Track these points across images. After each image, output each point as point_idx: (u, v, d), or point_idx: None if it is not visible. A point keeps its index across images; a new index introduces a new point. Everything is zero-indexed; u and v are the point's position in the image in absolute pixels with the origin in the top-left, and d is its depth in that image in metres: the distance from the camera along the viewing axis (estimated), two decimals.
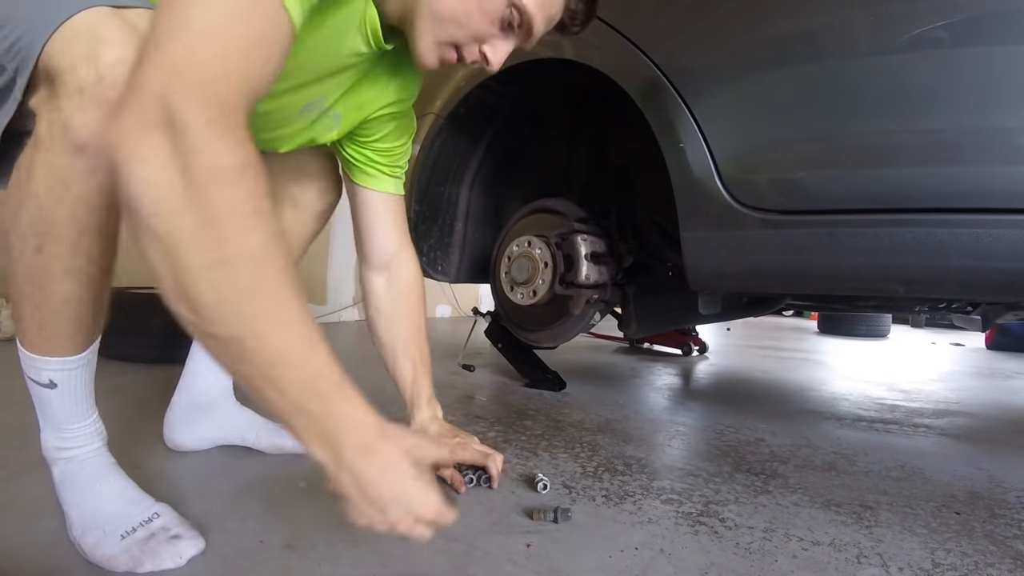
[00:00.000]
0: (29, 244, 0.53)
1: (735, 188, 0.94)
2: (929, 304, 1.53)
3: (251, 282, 0.43)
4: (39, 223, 0.52)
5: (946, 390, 2.09)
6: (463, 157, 1.76)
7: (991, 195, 0.75)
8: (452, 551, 0.66)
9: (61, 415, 0.64)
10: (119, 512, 0.63)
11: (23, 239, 0.53)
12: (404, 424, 0.73)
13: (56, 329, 0.58)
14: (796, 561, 0.69)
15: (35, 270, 0.54)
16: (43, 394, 0.63)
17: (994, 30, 0.74)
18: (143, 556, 0.59)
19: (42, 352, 0.60)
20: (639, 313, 1.53)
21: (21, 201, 0.52)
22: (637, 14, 1.10)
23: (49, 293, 0.55)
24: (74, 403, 0.64)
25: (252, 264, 0.43)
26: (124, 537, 0.61)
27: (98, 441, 0.68)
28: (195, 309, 0.43)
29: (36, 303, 0.56)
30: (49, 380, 0.61)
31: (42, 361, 0.60)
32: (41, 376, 0.61)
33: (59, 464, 0.65)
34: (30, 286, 0.55)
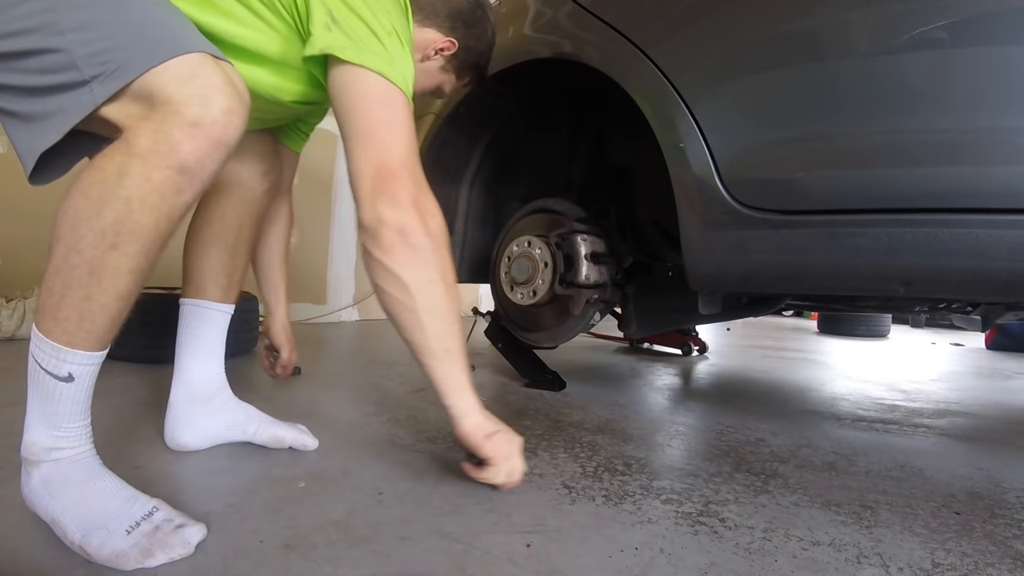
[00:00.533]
0: (106, 240, 0.57)
1: (735, 188, 0.94)
2: (929, 304, 1.53)
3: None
4: (125, 224, 0.57)
5: (946, 390, 2.09)
6: (463, 157, 1.76)
7: (991, 195, 0.75)
8: (451, 551, 0.66)
9: (66, 411, 0.64)
10: (119, 509, 0.63)
11: (101, 234, 0.57)
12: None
13: (98, 323, 0.61)
14: (796, 561, 0.69)
15: (103, 265, 0.58)
16: (55, 389, 0.63)
17: (994, 30, 0.74)
18: (152, 547, 0.60)
19: (72, 344, 0.61)
20: (639, 313, 1.53)
21: (106, 200, 0.57)
22: (637, 13, 1.10)
23: (109, 287, 0.59)
24: (83, 400, 0.65)
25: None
26: (130, 532, 0.61)
27: (90, 442, 0.68)
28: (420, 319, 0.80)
29: (90, 294, 0.59)
30: (68, 373, 0.62)
31: (69, 353, 0.61)
32: (61, 369, 0.61)
33: (44, 467, 0.64)
34: (91, 277, 0.58)
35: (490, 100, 1.60)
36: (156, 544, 0.60)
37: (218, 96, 0.58)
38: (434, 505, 0.79)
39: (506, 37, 1.42)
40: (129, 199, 0.57)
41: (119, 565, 0.59)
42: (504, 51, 1.40)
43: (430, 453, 1.01)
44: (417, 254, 0.76)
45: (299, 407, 1.28)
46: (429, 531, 0.71)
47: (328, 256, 3.37)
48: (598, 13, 1.16)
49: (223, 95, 0.59)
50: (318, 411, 1.26)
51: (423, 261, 0.76)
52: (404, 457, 0.98)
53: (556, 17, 1.27)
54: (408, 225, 0.75)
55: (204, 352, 0.98)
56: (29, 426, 0.65)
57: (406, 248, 0.75)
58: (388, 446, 1.04)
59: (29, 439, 0.65)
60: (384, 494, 0.82)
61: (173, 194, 0.58)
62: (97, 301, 0.59)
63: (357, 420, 1.20)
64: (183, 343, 0.97)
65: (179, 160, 0.57)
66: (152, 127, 0.57)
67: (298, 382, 1.56)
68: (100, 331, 0.61)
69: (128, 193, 0.57)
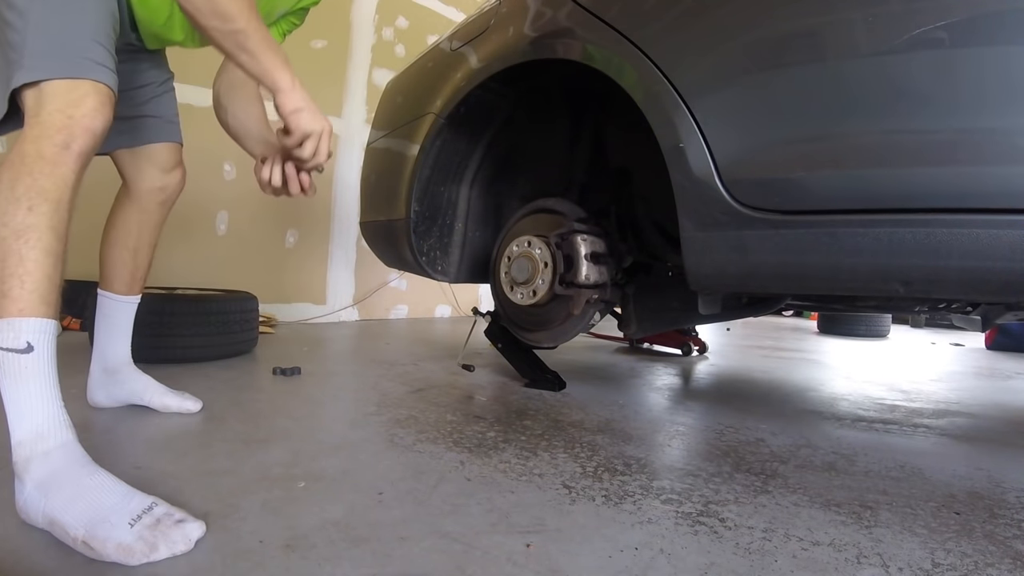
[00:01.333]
0: (22, 206, 0.69)
1: (735, 188, 0.94)
2: (929, 304, 1.53)
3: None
4: (32, 190, 0.70)
5: (946, 390, 2.09)
6: (463, 157, 1.75)
7: (991, 195, 0.74)
8: (451, 551, 0.66)
9: (36, 389, 0.67)
10: (119, 503, 0.64)
11: (16, 203, 0.69)
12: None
13: (37, 281, 0.68)
14: (796, 561, 0.69)
15: (24, 226, 0.69)
16: (19, 366, 0.66)
17: (994, 30, 0.74)
18: (157, 540, 0.61)
19: (22, 312, 0.67)
20: (639, 313, 1.53)
21: (16, 177, 0.70)
22: (637, 14, 1.10)
23: (36, 243, 0.69)
24: (49, 377, 0.69)
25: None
26: (133, 524, 0.62)
27: (70, 433, 0.70)
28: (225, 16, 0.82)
29: (22, 255, 0.68)
30: (27, 343, 0.67)
31: (23, 322, 0.67)
32: (19, 340, 0.67)
33: (35, 468, 0.65)
34: (18, 240, 0.68)
35: (490, 100, 1.60)
36: (160, 537, 0.61)
37: (87, 101, 0.76)
38: (434, 505, 0.79)
39: (506, 37, 1.42)
40: (32, 171, 0.70)
41: (125, 559, 0.59)
42: (504, 51, 1.40)
43: (430, 453, 1.01)
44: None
45: (299, 407, 1.28)
46: (429, 531, 0.71)
47: (328, 256, 3.37)
48: (598, 13, 1.16)
49: (93, 100, 0.76)
50: (318, 411, 1.26)
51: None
52: (404, 457, 0.98)
53: (556, 17, 1.27)
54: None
55: (113, 334, 1.17)
56: (12, 427, 0.67)
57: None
58: (388, 446, 1.04)
59: (15, 440, 0.67)
60: (384, 494, 0.82)
61: (62, 163, 0.73)
62: (29, 259, 0.68)
63: (357, 420, 1.20)
64: (97, 325, 1.17)
65: (62, 139, 0.73)
66: (40, 124, 0.73)
67: (298, 382, 1.56)
68: (42, 291, 0.69)
69: (28, 167, 0.71)
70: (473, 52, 1.55)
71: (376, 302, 3.65)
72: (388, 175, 1.83)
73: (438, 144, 1.66)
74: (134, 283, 1.17)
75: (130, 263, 1.15)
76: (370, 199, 1.99)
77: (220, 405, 1.26)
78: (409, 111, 1.79)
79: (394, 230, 1.79)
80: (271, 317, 2.95)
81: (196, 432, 1.06)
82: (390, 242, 1.86)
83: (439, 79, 1.67)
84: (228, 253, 2.90)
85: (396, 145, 1.82)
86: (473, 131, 1.70)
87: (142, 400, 1.17)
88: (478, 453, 1.02)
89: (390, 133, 1.89)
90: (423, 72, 1.82)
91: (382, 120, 2.00)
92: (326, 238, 3.36)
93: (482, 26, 1.55)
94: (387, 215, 1.82)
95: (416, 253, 1.75)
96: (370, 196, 1.99)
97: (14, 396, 0.67)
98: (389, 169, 1.83)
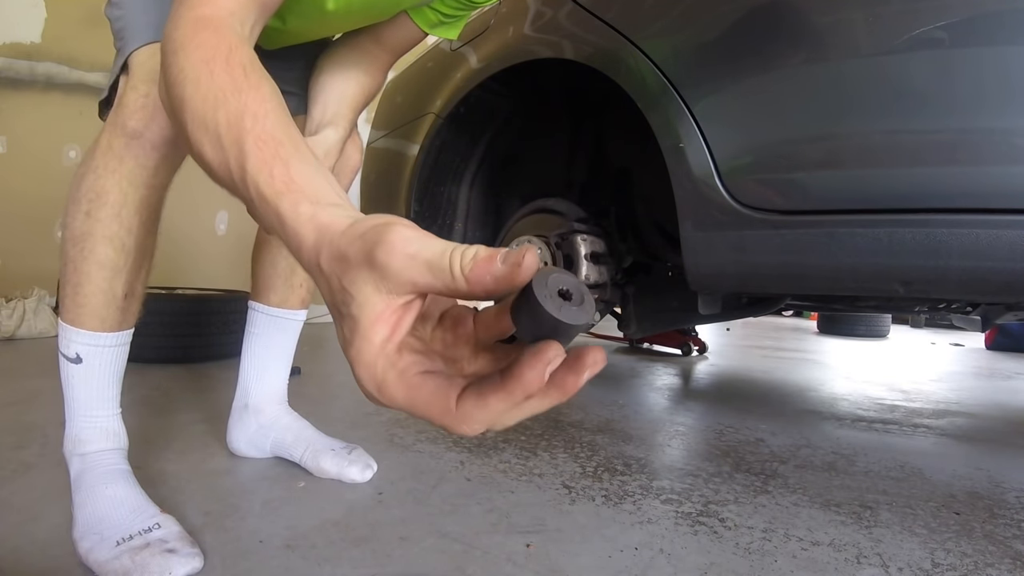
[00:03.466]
0: (81, 208, 0.63)
1: (735, 188, 0.94)
2: (929, 304, 1.53)
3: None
4: (92, 190, 0.63)
5: (946, 390, 2.09)
6: (463, 157, 1.75)
7: (991, 195, 0.74)
8: (451, 551, 0.66)
9: (81, 396, 0.66)
10: (120, 519, 0.62)
11: (77, 203, 0.63)
12: None
13: (88, 295, 0.64)
14: (796, 561, 0.69)
15: (81, 232, 0.63)
16: (68, 372, 0.66)
17: (993, 30, 0.74)
18: (132, 567, 0.57)
19: (73, 322, 0.65)
20: (639, 313, 1.52)
21: (82, 174, 0.64)
22: (637, 14, 1.10)
23: (88, 254, 0.63)
24: (96, 387, 0.67)
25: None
26: (119, 544, 0.59)
27: (114, 442, 0.69)
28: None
29: (76, 264, 0.63)
30: (76, 354, 0.65)
31: (74, 333, 0.65)
32: (70, 349, 0.65)
33: (75, 461, 0.67)
34: (74, 248, 0.63)
35: (490, 100, 1.60)
36: (137, 564, 0.57)
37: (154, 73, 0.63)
38: (434, 505, 0.79)
39: (506, 37, 1.42)
40: (96, 167, 0.63)
41: (100, 573, 0.58)
42: (504, 51, 1.40)
43: (430, 453, 1.01)
44: None
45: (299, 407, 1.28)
46: (429, 531, 0.71)
47: None
48: (598, 13, 1.16)
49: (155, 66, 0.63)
50: (318, 411, 1.26)
51: None
52: (404, 457, 0.98)
53: (556, 17, 1.27)
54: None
55: (261, 359, 0.93)
56: (66, 421, 0.68)
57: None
58: (388, 446, 1.04)
59: (66, 434, 0.68)
60: (384, 494, 0.82)
61: (131, 157, 0.63)
62: (81, 271, 0.63)
63: (357, 420, 1.20)
64: (244, 347, 0.94)
65: (131, 127, 0.63)
66: (118, 102, 0.64)
67: (298, 382, 1.56)
68: (94, 305, 0.64)
69: (96, 161, 0.63)
70: (473, 52, 1.55)
71: None
72: (388, 175, 1.83)
73: (438, 144, 1.66)
74: (290, 292, 0.91)
75: (283, 265, 0.90)
76: (370, 199, 1.99)
77: (220, 405, 1.25)
78: (409, 111, 1.79)
79: None
80: None
81: (196, 432, 1.06)
82: None
83: (439, 79, 1.67)
84: (228, 253, 2.90)
85: (396, 145, 1.82)
86: (473, 131, 1.70)
87: (292, 456, 0.90)
88: (478, 453, 1.02)
89: (390, 133, 1.89)
90: (423, 72, 1.82)
91: (382, 120, 2.00)
92: None
93: (482, 26, 1.55)
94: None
95: None
96: (370, 196, 2.00)
97: (66, 396, 0.68)
98: (389, 169, 1.84)
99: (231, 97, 0.37)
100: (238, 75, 0.39)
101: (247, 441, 0.92)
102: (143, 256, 0.68)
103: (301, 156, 0.35)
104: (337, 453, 0.88)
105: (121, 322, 0.68)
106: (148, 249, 0.69)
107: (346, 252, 0.27)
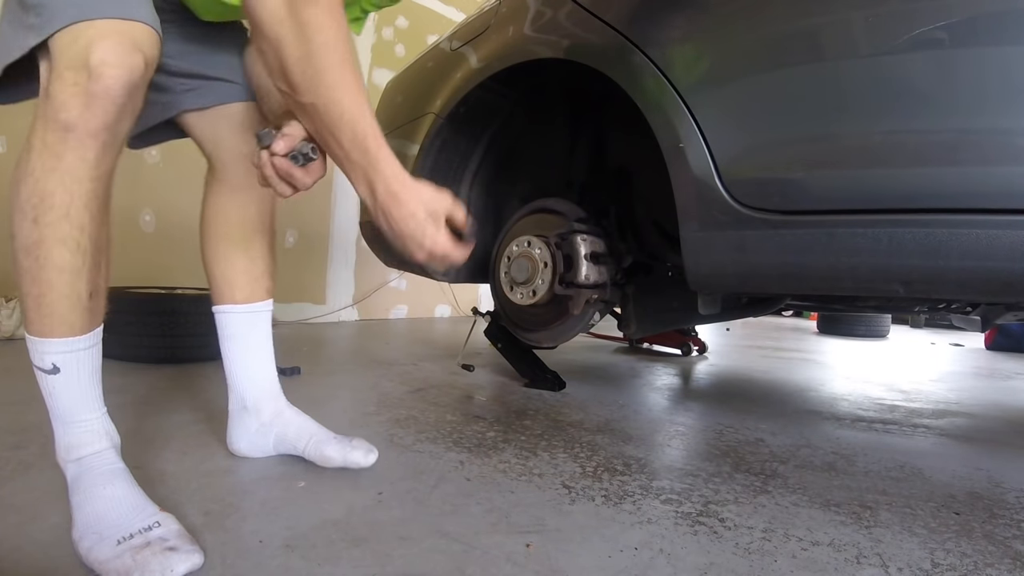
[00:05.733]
0: (27, 216, 0.59)
1: (735, 188, 0.94)
2: (929, 304, 1.53)
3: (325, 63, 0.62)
4: (35, 194, 0.59)
5: (946, 390, 2.09)
6: (463, 157, 1.75)
7: (991, 195, 0.75)
8: (451, 551, 0.66)
9: (66, 404, 0.65)
10: (120, 518, 0.62)
11: (22, 212, 0.59)
12: None
13: (53, 303, 0.61)
14: (795, 561, 0.69)
15: (31, 240, 0.60)
16: (48, 384, 0.64)
17: (993, 30, 0.74)
18: (133, 566, 0.57)
19: (43, 333, 0.62)
20: (639, 313, 1.52)
21: (20, 179, 0.60)
22: (637, 14, 1.10)
23: (44, 262, 0.60)
24: (79, 392, 0.65)
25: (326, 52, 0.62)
26: (119, 543, 0.59)
27: (106, 441, 0.68)
28: (291, 85, 0.63)
29: (33, 275, 0.60)
30: (52, 365, 0.63)
31: (43, 343, 0.63)
32: (44, 361, 0.63)
33: (71, 467, 0.66)
34: (28, 258, 0.60)
35: (490, 100, 1.60)
36: (138, 563, 0.57)
37: (96, 51, 0.58)
38: (434, 505, 0.79)
39: (506, 37, 1.42)
40: (33, 169, 0.59)
41: (101, 573, 0.58)
42: (504, 51, 1.40)
43: (430, 453, 1.01)
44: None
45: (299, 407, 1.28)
46: (429, 531, 0.71)
47: (328, 256, 3.37)
48: (598, 13, 1.16)
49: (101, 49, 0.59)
50: (318, 411, 1.26)
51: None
52: (404, 457, 0.98)
53: (556, 17, 1.27)
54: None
55: (244, 359, 0.93)
56: (55, 431, 0.67)
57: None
58: (388, 446, 1.04)
59: (56, 443, 0.67)
60: (384, 494, 0.82)
61: (69, 152, 0.59)
62: (41, 280, 0.60)
63: (357, 420, 1.20)
64: (224, 354, 0.93)
65: (63, 119, 0.58)
66: (45, 93, 0.60)
67: (298, 382, 1.56)
68: (61, 312, 0.62)
69: (33, 164, 0.59)
70: (473, 52, 1.55)
71: (376, 302, 3.65)
72: None
73: (438, 144, 1.66)
74: (255, 285, 0.91)
75: (241, 260, 0.90)
76: None
77: (219, 405, 1.25)
78: (409, 111, 1.79)
79: None
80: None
81: (196, 432, 1.06)
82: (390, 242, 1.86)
83: (439, 79, 1.67)
84: None
85: (396, 145, 1.82)
86: (473, 131, 1.70)
87: (295, 450, 0.91)
88: (478, 453, 1.02)
89: (390, 133, 1.89)
90: (423, 72, 1.82)
91: (382, 120, 1.99)
92: (326, 238, 3.36)
93: (482, 26, 1.55)
94: None
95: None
96: None
97: (50, 406, 0.66)
98: None
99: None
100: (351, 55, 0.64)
101: (248, 442, 0.92)
102: (99, 251, 0.65)
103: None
104: (339, 440, 0.90)
105: (91, 322, 0.66)
106: (103, 243, 0.66)
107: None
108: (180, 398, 1.30)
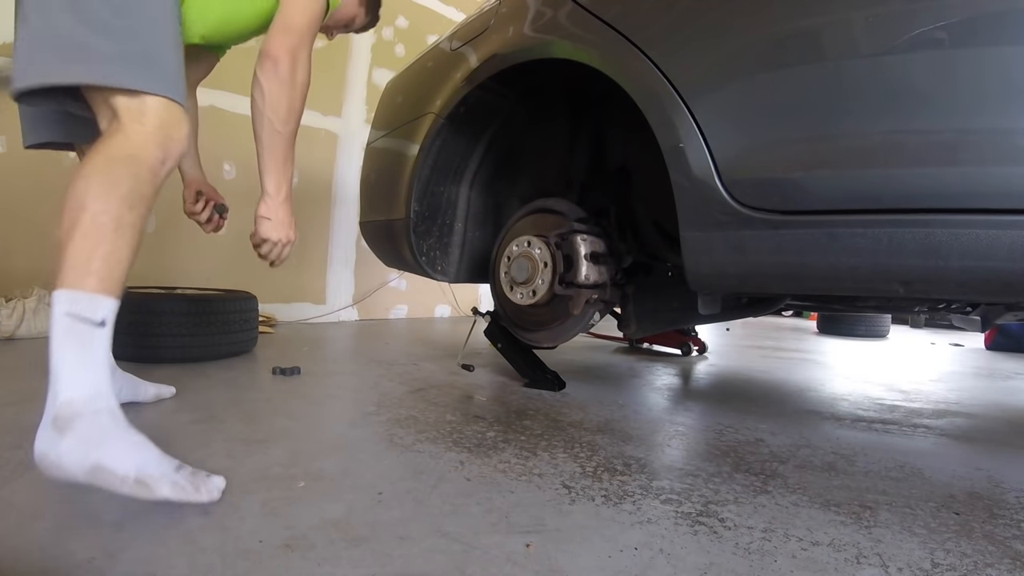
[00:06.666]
0: (126, 204, 0.78)
1: (735, 188, 0.94)
2: (929, 304, 1.53)
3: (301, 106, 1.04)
4: (136, 192, 0.79)
5: (946, 390, 2.09)
6: (463, 157, 1.75)
7: (991, 195, 0.74)
8: (451, 551, 0.66)
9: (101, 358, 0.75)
10: (161, 457, 0.74)
11: (121, 200, 0.77)
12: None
13: (118, 272, 0.77)
14: (795, 561, 0.69)
15: (123, 223, 0.77)
16: (91, 336, 0.74)
17: (993, 30, 0.74)
18: (200, 485, 0.73)
19: (104, 291, 0.75)
20: (639, 313, 1.52)
21: (123, 177, 0.78)
22: (637, 14, 1.10)
23: (130, 240, 0.78)
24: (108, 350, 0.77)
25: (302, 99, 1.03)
26: (178, 470, 0.74)
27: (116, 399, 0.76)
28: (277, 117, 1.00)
29: (116, 247, 0.76)
30: (103, 319, 0.75)
31: (104, 300, 0.75)
32: (97, 314, 0.75)
33: (86, 419, 0.70)
34: (115, 233, 0.76)
35: (490, 100, 1.60)
36: (201, 483, 0.74)
37: (181, 127, 0.86)
38: (434, 505, 0.79)
39: (506, 37, 1.42)
40: (137, 175, 0.80)
41: (178, 496, 0.71)
42: (504, 51, 1.40)
43: (429, 453, 1.01)
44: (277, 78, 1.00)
45: (299, 407, 1.28)
46: (429, 531, 0.71)
47: (327, 256, 3.37)
48: (598, 13, 1.16)
49: (183, 127, 0.87)
50: (318, 411, 1.26)
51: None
52: (404, 457, 0.98)
53: (556, 17, 1.27)
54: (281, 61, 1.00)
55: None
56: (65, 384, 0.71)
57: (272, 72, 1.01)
58: (388, 446, 1.04)
59: (67, 397, 0.71)
60: (383, 494, 0.82)
61: (158, 177, 0.84)
62: (120, 252, 0.77)
63: (356, 420, 1.20)
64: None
65: (160, 156, 0.83)
66: (144, 133, 0.82)
67: (298, 382, 1.56)
68: (120, 279, 0.77)
69: (136, 171, 0.80)
70: (473, 52, 1.55)
71: (376, 302, 3.65)
72: (388, 175, 1.83)
73: (438, 144, 1.66)
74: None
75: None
76: (370, 199, 1.99)
77: (220, 405, 1.26)
78: (409, 111, 1.79)
79: (394, 230, 1.79)
80: (271, 317, 2.95)
81: (196, 432, 1.06)
82: (390, 242, 1.86)
83: (439, 79, 1.67)
84: (228, 253, 2.90)
85: (396, 145, 1.82)
86: (473, 131, 1.70)
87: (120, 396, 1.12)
88: (478, 453, 1.02)
89: (390, 133, 1.89)
90: (423, 72, 1.82)
91: (382, 120, 2.00)
92: (326, 238, 3.36)
93: (482, 26, 1.55)
94: (387, 215, 1.82)
95: (416, 253, 1.75)
96: (370, 196, 1.99)
97: (80, 359, 0.73)
98: (389, 169, 1.83)
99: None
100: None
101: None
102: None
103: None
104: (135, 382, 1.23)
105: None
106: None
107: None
108: (180, 398, 1.30)
